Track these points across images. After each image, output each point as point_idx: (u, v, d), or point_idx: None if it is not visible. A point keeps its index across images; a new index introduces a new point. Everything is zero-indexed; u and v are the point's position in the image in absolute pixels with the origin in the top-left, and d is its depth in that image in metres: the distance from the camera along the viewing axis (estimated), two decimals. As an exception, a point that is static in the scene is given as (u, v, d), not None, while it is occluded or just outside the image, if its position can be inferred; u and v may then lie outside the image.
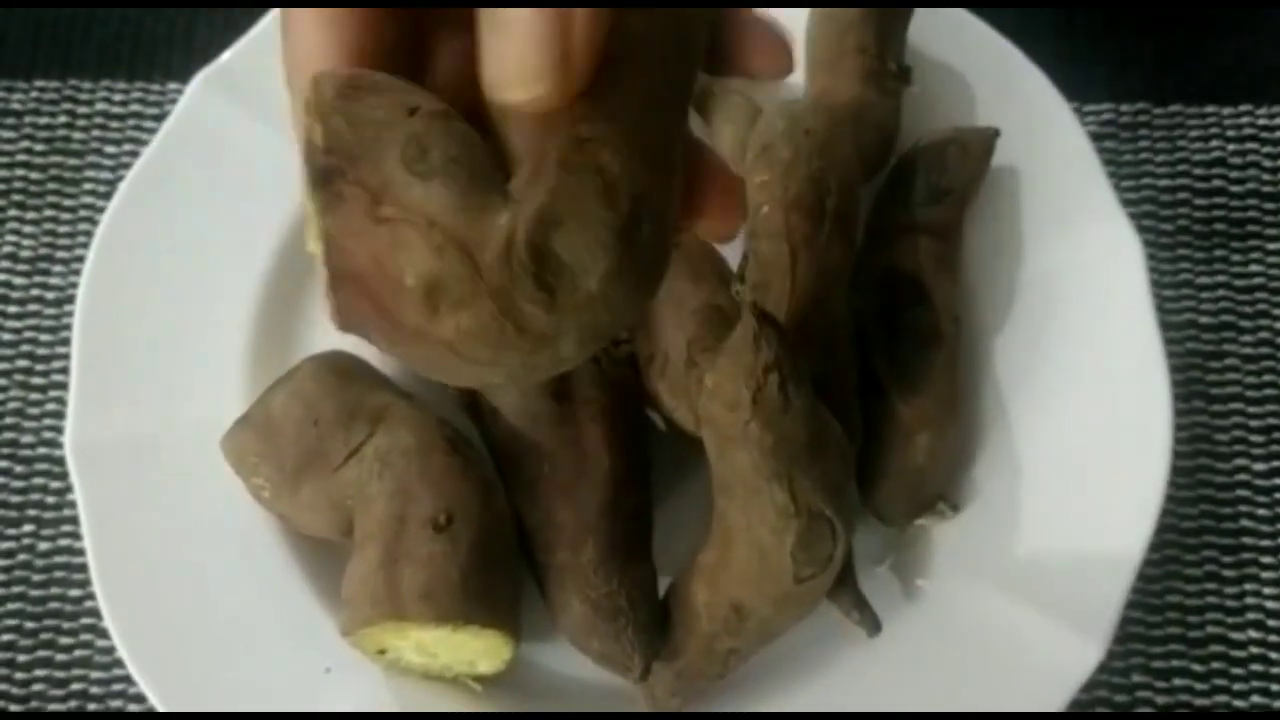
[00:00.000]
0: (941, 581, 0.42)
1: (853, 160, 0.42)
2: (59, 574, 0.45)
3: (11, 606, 0.45)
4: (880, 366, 0.42)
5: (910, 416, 0.41)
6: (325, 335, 0.44)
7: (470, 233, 0.24)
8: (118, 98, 0.52)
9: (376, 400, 0.40)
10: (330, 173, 0.24)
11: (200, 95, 0.47)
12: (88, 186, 0.51)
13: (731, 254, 0.43)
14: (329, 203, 0.24)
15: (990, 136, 0.45)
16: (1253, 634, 0.45)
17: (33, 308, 0.49)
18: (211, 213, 0.46)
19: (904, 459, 0.41)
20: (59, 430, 0.46)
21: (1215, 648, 0.45)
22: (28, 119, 0.52)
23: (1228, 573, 0.46)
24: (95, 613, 0.43)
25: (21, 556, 0.46)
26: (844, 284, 0.41)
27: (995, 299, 0.45)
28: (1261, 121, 0.52)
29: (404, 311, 0.24)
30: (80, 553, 0.43)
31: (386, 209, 0.24)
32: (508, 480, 0.41)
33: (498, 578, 0.39)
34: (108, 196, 0.47)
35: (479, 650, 0.39)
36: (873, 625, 0.40)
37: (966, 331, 0.44)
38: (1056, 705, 0.40)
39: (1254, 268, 0.50)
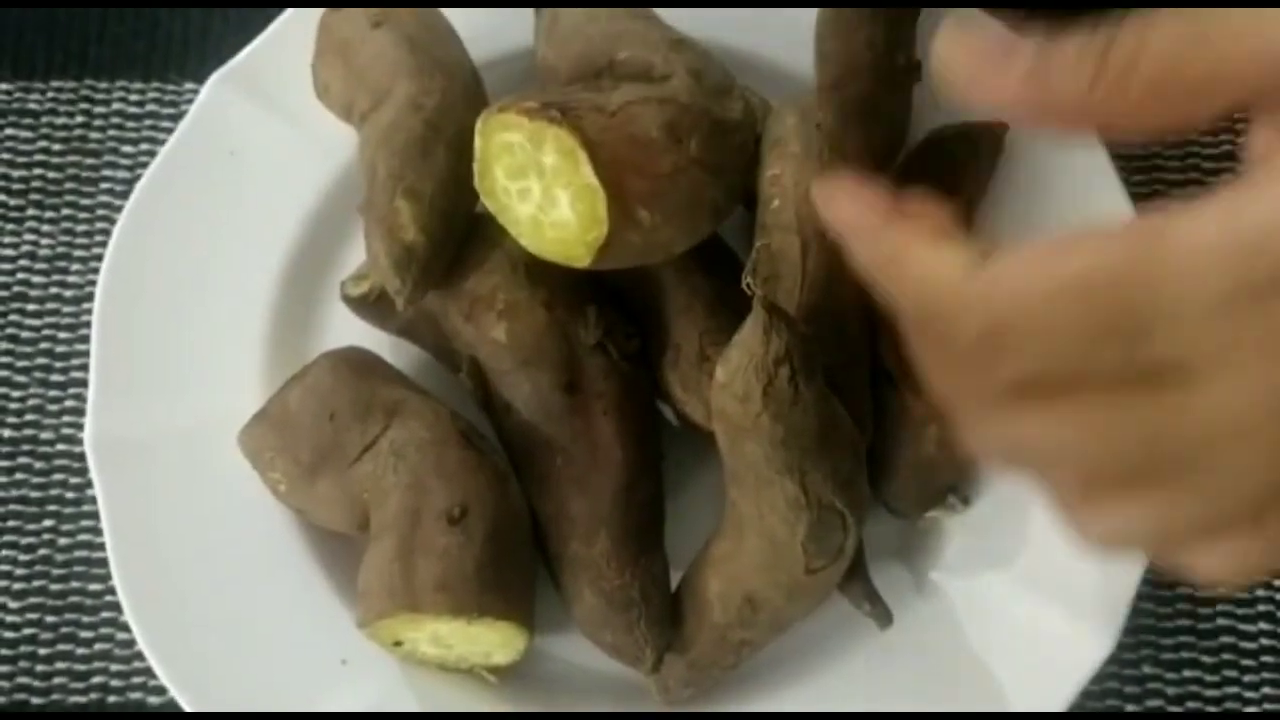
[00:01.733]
0: (952, 573, 0.43)
1: (863, 155, 0.42)
2: (79, 568, 0.46)
3: (32, 601, 0.45)
4: (890, 359, 0.42)
5: (921, 409, 0.41)
6: (341, 331, 0.45)
7: (663, 92, 0.38)
8: (134, 97, 0.53)
9: (391, 394, 0.41)
10: (561, 109, 0.35)
11: (216, 94, 0.47)
12: (105, 186, 0.51)
13: (743, 247, 0.43)
14: (574, 121, 0.35)
15: (1000, 132, 0.45)
16: (1263, 625, 0.45)
17: (51, 306, 0.49)
18: (228, 211, 0.46)
19: (915, 451, 0.42)
20: (78, 427, 0.47)
21: (1225, 639, 0.45)
22: (45, 119, 0.52)
23: (1238, 564, 0.46)
24: (115, 607, 0.44)
25: (42, 551, 0.46)
26: (855, 277, 0.41)
27: (1005, 293, 0.45)
28: (1271, 115, 0.52)
29: (660, 159, 0.36)
30: (100, 547, 0.44)
31: (613, 105, 0.36)
32: (521, 473, 0.41)
33: (512, 570, 0.39)
34: (125, 195, 0.47)
35: (494, 641, 0.39)
36: (884, 617, 0.40)
37: (977, 325, 0.44)
38: (1067, 697, 0.40)
39: (1264, 261, 0.50)
